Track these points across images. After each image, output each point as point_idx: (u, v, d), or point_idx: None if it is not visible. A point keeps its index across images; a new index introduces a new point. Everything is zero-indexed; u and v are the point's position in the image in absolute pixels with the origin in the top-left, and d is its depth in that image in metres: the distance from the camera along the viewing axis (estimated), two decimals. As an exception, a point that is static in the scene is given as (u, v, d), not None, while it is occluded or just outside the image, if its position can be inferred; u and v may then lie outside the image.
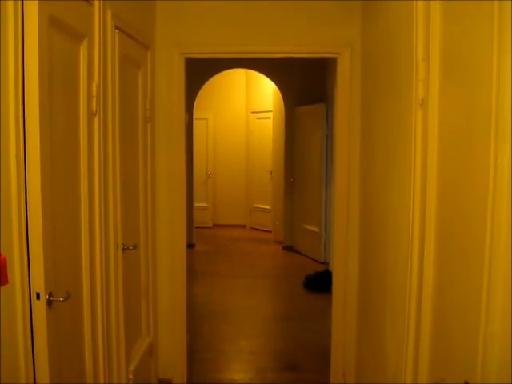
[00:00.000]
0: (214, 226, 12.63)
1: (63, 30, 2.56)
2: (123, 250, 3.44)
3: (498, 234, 1.29)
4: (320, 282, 7.50)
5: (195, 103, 9.86)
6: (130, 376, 3.61)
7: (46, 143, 2.34)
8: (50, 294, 2.40)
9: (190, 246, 8.97)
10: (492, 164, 1.33)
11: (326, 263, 8.85)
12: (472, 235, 1.52)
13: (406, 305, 2.24)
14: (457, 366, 1.66)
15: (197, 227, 10.75)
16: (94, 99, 2.93)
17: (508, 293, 1.28)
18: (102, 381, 3.16)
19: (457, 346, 1.67)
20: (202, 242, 10.74)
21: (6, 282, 2.17)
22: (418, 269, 2.13)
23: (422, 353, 2.10)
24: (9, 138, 2.17)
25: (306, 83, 9.58)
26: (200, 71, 8.91)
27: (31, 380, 2.39)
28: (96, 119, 2.97)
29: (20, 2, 2.18)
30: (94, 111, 2.94)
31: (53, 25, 2.39)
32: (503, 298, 1.29)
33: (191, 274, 6.38)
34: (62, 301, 2.49)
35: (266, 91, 11.37)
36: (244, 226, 12.57)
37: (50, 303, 2.39)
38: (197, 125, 10.53)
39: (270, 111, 11.21)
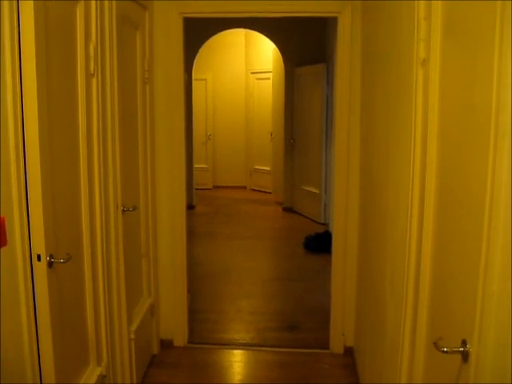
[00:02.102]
0: (214, 187, 12.65)
1: (59, -11, 2.52)
2: (123, 211, 3.44)
3: (498, 193, 1.29)
4: (320, 243, 7.53)
5: (194, 64, 9.77)
6: (132, 336, 3.65)
7: (44, 105, 2.32)
8: (51, 256, 2.41)
9: (190, 207, 9.00)
10: (493, 124, 1.32)
11: (325, 224, 8.88)
12: (472, 194, 1.51)
13: (405, 265, 2.25)
14: (455, 326, 1.67)
15: (197, 189, 10.76)
16: (92, 60, 2.91)
17: (507, 253, 1.28)
18: (103, 341, 3.20)
19: (455, 305, 1.68)
20: (202, 204, 10.76)
21: (5, 243, 2.17)
22: (417, 228, 2.13)
23: (420, 313, 2.11)
24: (6, 100, 2.16)
25: (306, 43, 9.48)
26: (199, 31, 8.81)
27: (34, 341, 2.42)
28: (94, 80, 2.95)
29: (14, -39, 2.14)
30: (92, 72, 2.92)
31: (48, -16, 2.35)
32: (502, 258, 1.30)
33: (191, 235, 6.40)
34: (63, 262, 2.50)
35: (265, 52, 11.27)
36: (244, 188, 12.58)
37: (50, 265, 2.41)
38: (196, 86, 10.45)
39: (270, 72, 11.13)
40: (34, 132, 2.26)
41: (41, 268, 2.37)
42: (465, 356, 1.51)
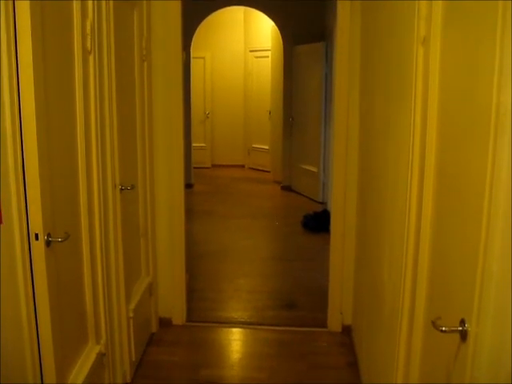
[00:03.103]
0: (213, 166, 12.64)
1: (55, -35, 2.49)
2: (121, 190, 3.43)
3: (499, 172, 1.28)
4: (318, 222, 7.54)
5: (192, 42, 9.71)
6: (131, 315, 3.66)
7: (41, 82, 2.30)
8: (49, 235, 2.41)
9: (188, 186, 9.01)
10: (494, 103, 1.31)
11: (324, 203, 8.89)
12: (472, 173, 1.50)
13: (403, 244, 2.24)
14: (453, 305, 1.67)
15: (195, 167, 10.74)
16: (89, 37, 2.88)
17: (507, 233, 1.27)
18: (102, 319, 3.20)
19: (454, 285, 1.68)
20: (200, 183, 10.75)
21: (1, 221, 2.17)
22: (416, 207, 2.13)
23: (419, 292, 2.11)
24: (2, 77, 2.14)
25: (305, 21, 9.41)
26: (197, 9, 8.76)
27: (33, 320, 2.42)
28: (91, 57, 2.92)
29: None
30: (89, 49, 2.89)
31: (44, -41, 2.32)
32: (502, 238, 1.29)
33: (190, 214, 6.40)
34: (61, 241, 2.50)
35: (264, 30, 11.20)
36: (242, 166, 12.57)
37: (48, 244, 2.40)
38: (194, 64, 10.40)
39: (269, 50, 11.07)
40: (30, 110, 2.24)
41: (39, 247, 2.37)
42: (463, 335, 1.51)
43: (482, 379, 1.39)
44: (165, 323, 4.62)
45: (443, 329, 1.58)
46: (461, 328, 1.51)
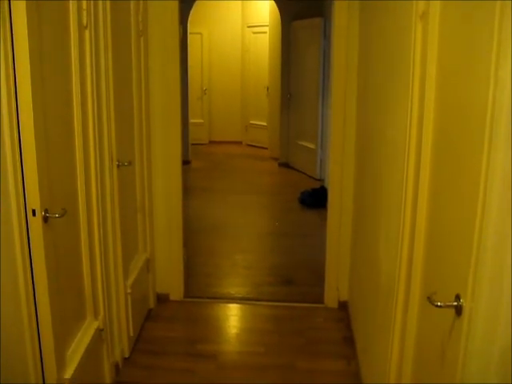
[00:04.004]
0: (210, 142, 12.61)
1: None
2: (118, 166, 3.43)
3: (495, 148, 1.28)
4: (315, 199, 7.55)
5: (190, 17, 9.63)
6: (128, 290, 3.68)
7: (36, 58, 2.28)
8: (46, 211, 2.41)
9: (185, 162, 8.95)
10: (492, 76, 1.30)
11: (321, 180, 8.89)
12: (469, 149, 1.50)
13: (400, 220, 2.25)
14: (449, 281, 1.68)
15: (193, 144, 10.71)
16: (85, 12, 2.85)
17: (503, 208, 1.28)
18: (100, 295, 3.22)
19: (449, 260, 1.69)
20: (197, 159, 10.73)
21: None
22: (413, 183, 2.13)
23: (415, 268, 2.12)
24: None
25: (303, -4, 9.34)
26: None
27: (31, 295, 2.43)
28: (87, 33, 2.90)
29: None
30: (85, 24, 2.87)
31: None
32: (498, 213, 1.30)
33: (187, 190, 6.39)
34: (58, 217, 2.50)
35: (262, 5, 11.12)
36: (240, 143, 12.55)
37: (46, 220, 2.41)
38: (191, 39, 10.34)
39: (267, 26, 10.99)
40: (26, 86, 2.22)
41: (36, 223, 2.37)
42: (458, 310, 1.52)
43: (476, 353, 1.40)
44: (162, 299, 4.64)
45: (438, 304, 1.59)
46: (456, 303, 1.52)
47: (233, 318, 4.54)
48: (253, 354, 3.93)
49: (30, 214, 2.35)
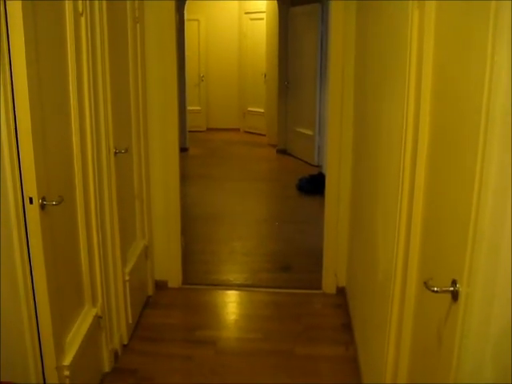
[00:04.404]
0: (208, 129, 12.59)
1: None
2: (115, 153, 3.42)
3: (492, 132, 1.28)
4: (313, 185, 7.55)
5: (186, 4, 9.58)
6: (126, 277, 3.69)
7: (31, 44, 2.27)
8: (43, 199, 2.41)
9: (183, 149, 8.95)
10: (489, 64, 1.30)
11: (319, 166, 8.88)
12: (466, 133, 1.50)
13: (397, 206, 2.25)
14: (445, 266, 1.69)
15: (190, 131, 10.70)
16: (80, -1, 2.84)
17: (499, 193, 1.28)
18: (98, 282, 3.23)
19: (446, 245, 1.70)
20: (195, 146, 10.72)
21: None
22: (410, 168, 2.13)
23: (412, 253, 2.13)
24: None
25: (300, -19, 9.29)
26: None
27: (29, 283, 2.44)
28: (83, 19, 2.88)
29: None
30: (81, 11, 2.85)
31: None
32: (494, 198, 1.30)
33: (185, 177, 6.41)
34: (55, 205, 2.50)
35: (259, -10, 11.07)
36: (238, 130, 12.54)
37: (43, 207, 2.41)
38: (188, 26, 10.29)
39: (264, 12, 10.95)
40: (22, 73, 2.22)
41: (33, 211, 2.38)
42: (454, 295, 1.52)
43: (472, 338, 1.41)
44: (161, 286, 4.65)
45: (435, 289, 1.60)
46: (452, 288, 1.53)
47: (231, 304, 4.56)
48: (251, 340, 3.94)
49: (27, 201, 2.35)
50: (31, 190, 2.35)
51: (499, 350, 1.39)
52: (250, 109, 12.20)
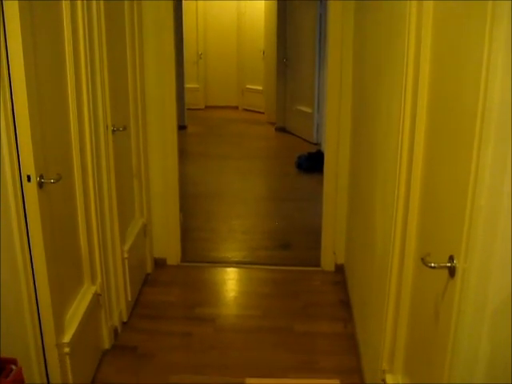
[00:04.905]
0: (206, 107, 12.54)
1: None
2: (113, 131, 3.41)
3: (490, 107, 1.27)
4: (312, 163, 7.54)
5: (184, -20, 9.51)
6: (125, 255, 3.70)
7: (27, 25, 2.25)
8: (41, 176, 2.41)
9: (181, 127, 8.94)
10: (487, 44, 1.29)
11: (318, 144, 8.87)
12: (463, 109, 1.50)
13: (395, 182, 2.25)
14: (443, 242, 1.69)
15: (188, 109, 10.66)
16: (76, -23, 2.81)
17: (497, 168, 1.28)
18: (97, 260, 3.23)
19: (443, 222, 1.70)
20: (193, 124, 10.69)
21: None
22: (408, 145, 2.12)
23: (409, 230, 2.13)
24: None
25: (298, -43, 9.20)
26: None
27: (28, 262, 2.44)
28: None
29: None
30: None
31: None
32: (491, 173, 1.30)
33: (184, 155, 6.40)
34: (53, 183, 2.50)
35: (257, -33, 10.96)
36: (236, 108, 12.49)
37: (41, 185, 2.41)
38: (186, 3, 10.21)
39: (263, -12, 10.86)
40: (18, 53, 2.20)
41: (31, 189, 2.37)
42: (452, 271, 1.53)
43: (469, 313, 1.41)
44: (160, 264, 4.67)
45: (432, 265, 1.61)
46: (449, 264, 1.53)
47: (230, 281, 4.58)
48: (250, 317, 3.96)
49: (24, 179, 2.35)
50: (29, 167, 2.34)
51: (496, 326, 1.40)
52: (248, 86, 12.15)
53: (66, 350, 2.71)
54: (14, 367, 1.91)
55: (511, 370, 1.43)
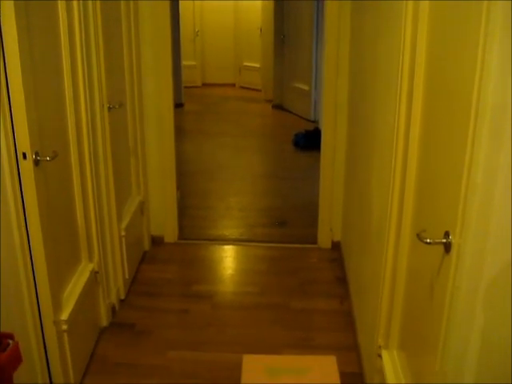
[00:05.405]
0: (203, 85, 12.49)
1: None
2: (109, 108, 3.39)
3: (486, 83, 1.27)
4: (309, 141, 7.53)
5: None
6: (122, 233, 3.70)
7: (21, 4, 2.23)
8: (37, 154, 2.40)
9: (178, 105, 8.93)
10: (483, 26, 1.29)
11: (315, 121, 8.85)
12: (460, 85, 1.49)
13: (392, 159, 2.25)
14: (438, 218, 1.70)
15: (185, 86, 10.61)
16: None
17: (493, 145, 1.28)
18: (94, 238, 3.24)
19: (439, 198, 1.70)
20: (190, 102, 10.65)
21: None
22: (405, 121, 2.12)
23: (406, 206, 2.13)
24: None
25: None
26: None
27: (25, 239, 2.44)
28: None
29: None
30: (71, -37, 2.80)
31: None
32: (487, 150, 1.29)
33: (181, 133, 6.38)
34: (49, 160, 2.50)
35: None
36: (233, 85, 12.44)
37: (37, 163, 2.40)
38: (182, -20, 10.13)
39: (259, -36, 10.76)
40: (11, 25, 2.17)
41: (27, 166, 2.37)
42: (447, 247, 1.53)
43: (464, 289, 1.42)
44: (157, 241, 4.68)
45: (428, 241, 1.61)
46: (445, 240, 1.54)
47: (227, 259, 4.59)
48: (247, 294, 3.98)
49: (20, 157, 2.34)
50: (24, 145, 2.33)
51: (489, 300, 1.40)
52: (245, 64, 12.09)
53: (64, 327, 2.72)
54: (10, 342, 1.91)
55: (504, 343, 1.44)
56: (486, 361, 1.48)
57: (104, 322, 3.48)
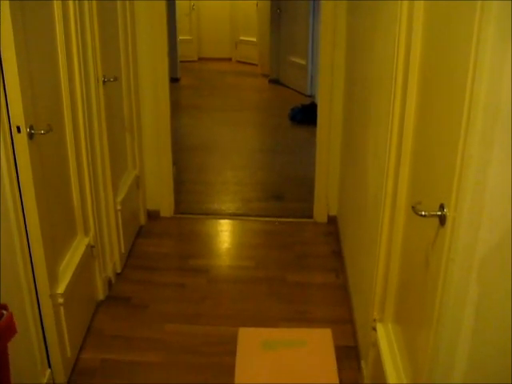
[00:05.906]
0: (200, 59, 12.41)
1: None
2: (104, 82, 3.37)
3: (482, 59, 1.26)
4: (305, 115, 7.51)
5: None
6: (118, 207, 3.70)
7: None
8: (31, 127, 2.38)
9: (174, 80, 8.87)
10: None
11: (312, 96, 8.81)
12: (455, 60, 1.49)
13: (388, 131, 2.24)
14: (434, 191, 1.69)
15: (181, 61, 10.54)
16: None
17: (488, 117, 1.27)
18: (90, 212, 3.24)
19: (435, 170, 1.70)
20: (187, 76, 10.59)
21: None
22: (401, 93, 2.11)
23: (401, 178, 2.13)
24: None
25: None
26: None
27: (20, 213, 2.44)
28: None
29: None
30: None
31: None
32: (483, 122, 1.29)
33: (177, 107, 6.35)
34: (44, 134, 2.48)
35: None
36: (230, 60, 12.38)
37: (31, 136, 2.39)
38: (178, -49, 10.01)
39: None
40: (4, 4, 2.15)
41: (21, 140, 2.35)
42: (442, 220, 1.53)
43: (458, 261, 1.42)
44: (153, 216, 4.68)
45: (423, 213, 1.61)
46: (440, 213, 1.54)
47: (223, 233, 4.60)
48: (243, 267, 4.00)
49: (14, 130, 2.33)
50: (18, 118, 2.32)
51: (483, 273, 1.41)
52: (242, 38, 12.01)
53: (60, 300, 2.73)
54: (4, 312, 1.92)
55: (498, 316, 1.45)
56: (479, 334, 1.49)
57: (100, 295, 3.49)
